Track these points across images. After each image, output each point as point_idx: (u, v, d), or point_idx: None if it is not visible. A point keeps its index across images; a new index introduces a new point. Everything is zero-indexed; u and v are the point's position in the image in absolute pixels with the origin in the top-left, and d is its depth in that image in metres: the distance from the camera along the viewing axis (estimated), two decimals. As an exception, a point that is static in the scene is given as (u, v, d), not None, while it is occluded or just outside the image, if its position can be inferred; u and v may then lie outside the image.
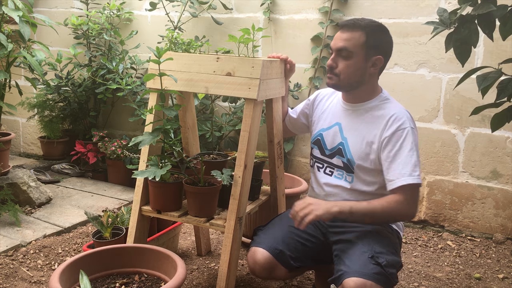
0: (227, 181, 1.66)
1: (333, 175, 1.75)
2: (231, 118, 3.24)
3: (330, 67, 1.69)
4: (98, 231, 2.06)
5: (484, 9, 1.38)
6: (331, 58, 1.68)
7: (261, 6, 3.21)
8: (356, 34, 1.63)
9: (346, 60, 1.65)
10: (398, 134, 1.61)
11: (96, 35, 3.53)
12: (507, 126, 2.24)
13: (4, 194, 2.71)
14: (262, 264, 1.63)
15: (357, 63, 1.65)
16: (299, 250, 1.68)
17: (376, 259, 1.47)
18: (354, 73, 1.66)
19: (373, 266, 1.44)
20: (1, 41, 2.47)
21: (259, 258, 1.63)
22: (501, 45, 2.55)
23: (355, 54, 1.64)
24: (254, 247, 1.67)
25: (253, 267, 1.65)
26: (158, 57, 1.63)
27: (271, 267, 1.63)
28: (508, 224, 2.76)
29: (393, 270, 1.48)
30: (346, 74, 1.66)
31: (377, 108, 1.69)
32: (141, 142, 1.63)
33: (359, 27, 1.64)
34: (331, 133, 1.77)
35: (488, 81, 1.48)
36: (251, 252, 1.67)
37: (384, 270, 1.44)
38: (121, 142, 3.43)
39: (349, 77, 1.67)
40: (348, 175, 1.71)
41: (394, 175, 1.59)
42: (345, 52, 1.64)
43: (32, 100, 3.66)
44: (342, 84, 1.69)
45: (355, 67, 1.65)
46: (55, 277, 1.40)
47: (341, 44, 1.64)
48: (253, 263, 1.65)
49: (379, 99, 1.71)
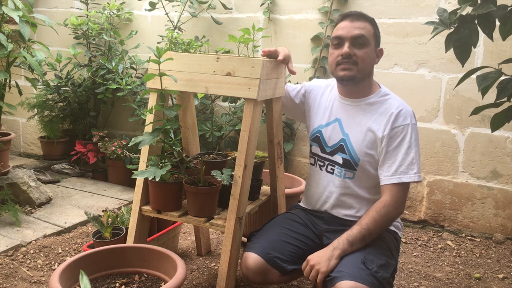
0: (227, 181, 1.66)
1: (334, 173, 1.73)
2: (231, 118, 3.24)
3: (347, 55, 1.61)
4: (98, 231, 2.06)
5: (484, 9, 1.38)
6: (347, 47, 1.60)
7: (261, 6, 3.21)
8: (367, 24, 1.63)
9: (363, 48, 1.61)
10: (399, 130, 1.61)
11: (96, 35, 3.53)
12: (507, 126, 2.25)
13: (4, 194, 2.71)
14: (254, 269, 1.61)
15: (372, 52, 1.64)
16: (293, 252, 1.66)
17: (367, 263, 1.46)
18: (370, 62, 1.65)
19: (365, 270, 1.43)
20: (1, 41, 2.47)
21: (251, 264, 1.61)
22: (501, 45, 2.55)
23: (369, 43, 1.62)
24: (246, 252, 1.66)
25: (246, 273, 1.64)
26: (158, 57, 1.63)
27: (263, 271, 1.61)
28: (508, 224, 2.76)
29: (385, 274, 1.46)
30: (365, 62, 1.62)
31: (379, 103, 1.67)
32: (141, 142, 1.63)
33: (366, 18, 1.64)
34: (330, 129, 1.74)
35: (488, 81, 1.48)
36: (243, 258, 1.65)
37: (375, 275, 1.43)
38: (121, 142, 3.43)
39: (367, 66, 1.64)
40: (348, 171, 1.69)
41: (383, 172, 1.60)
42: (363, 40, 1.61)
43: (32, 100, 3.67)
44: (360, 75, 1.64)
45: (371, 56, 1.64)
46: (55, 277, 1.40)
47: (357, 31, 1.60)
48: (245, 269, 1.63)
49: (379, 94, 1.69)
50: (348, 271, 1.43)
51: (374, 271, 1.43)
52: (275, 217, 1.88)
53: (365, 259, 1.48)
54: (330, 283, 1.45)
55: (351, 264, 1.47)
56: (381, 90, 1.71)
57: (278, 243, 1.66)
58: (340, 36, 1.63)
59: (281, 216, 1.87)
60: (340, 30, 1.64)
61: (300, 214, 1.82)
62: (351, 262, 1.48)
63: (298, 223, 1.77)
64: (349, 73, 1.63)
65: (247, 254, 1.64)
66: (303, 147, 3.24)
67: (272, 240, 1.67)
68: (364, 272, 1.42)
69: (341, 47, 1.63)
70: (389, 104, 1.66)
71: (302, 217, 1.80)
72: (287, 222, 1.78)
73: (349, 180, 1.69)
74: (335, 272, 1.46)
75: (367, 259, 1.48)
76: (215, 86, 1.70)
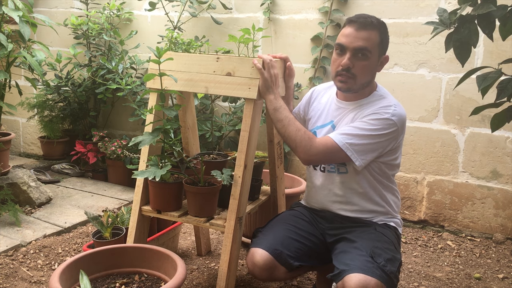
0: (227, 181, 1.66)
1: (326, 170, 1.73)
2: (231, 118, 3.24)
3: (346, 68, 1.60)
4: (98, 231, 2.06)
5: (484, 9, 1.38)
6: (348, 58, 1.60)
7: (261, 6, 3.21)
8: (373, 33, 1.59)
9: (364, 61, 1.60)
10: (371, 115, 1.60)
11: (96, 35, 3.53)
12: (507, 126, 2.25)
13: (4, 194, 2.71)
14: (261, 265, 1.60)
15: (373, 63, 1.62)
16: (299, 249, 1.67)
17: (375, 257, 1.47)
18: (369, 73, 1.64)
19: (373, 263, 1.44)
20: (1, 41, 2.47)
21: (258, 260, 1.61)
22: (501, 45, 2.55)
23: (372, 54, 1.60)
24: (253, 248, 1.65)
25: (252, 269, 1.63)
26: (158, 57, 1.63)
27: (270, 267, 1.61)
28: (508, 224, 2.76)
29: (392, 268, 1.48)
30: (363, 75, 1.62)
31: (371, 102, 1.66)
32: (141, 142, 1.63)
33: (374, 26, 1.60)
34: (324, 132, 1.75)
35: (488, 81, 1.48)
36: (250, 253, 1.65)
37: (384, 268, 1.44)
38: (121, 142, 3.43)
39: (365, 78, 1.63)
40: (341, 166, 1.69)
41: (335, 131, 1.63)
42: (364, 52, 1.59)
43: (32, 100, 3.66)
44: (357, 87, 1.64)
45: (371, 67, 1.62)
46: (55, 277, 1.40)
47: (360, 43, 1.58)
48: (252, 264, 1.63)
49: (374, 97, 1.68)
50: (356, 264, 1.44)
51: (382, 265, 1.45)
52: (279, 214, 1.89)
53: (373, 253, 1.49)
54: (338, 276, 1.46)
55: (359, 258, 1.48)
56: (376, 93, 1.69)
57: (285, 240, 1.67)
58: (343, 44, 1.61)
59: (286, 213, 1.87)
60: (344, 38, 1.62)
61: (304, 212, 1.82)
62: (359, 256, 1.49)
63: (303, 220, 1.78)
64: (345, 86, 1.64)
65: (254, 249, 1.64)
66: (303, 147, 3.23)
67: (279, 236, 1.68)
68: (372, 266, 1.43)
69: (343, 56, 1.62)
70: (380, 102, 1.65)
71: (306, 214, 1.81)
72: (293, 219, 1.78)
73: (344, 175, 1.69)
74: (343, 265, 1.47)
75: (375, 253, 1.49)
76: (215, 86, 1.70)
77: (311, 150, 1.58)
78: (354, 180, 1.68)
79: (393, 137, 1.61)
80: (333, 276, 1.49)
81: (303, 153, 1.60)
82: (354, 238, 1.60)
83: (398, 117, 1.60)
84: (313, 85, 3.08)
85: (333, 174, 1.71)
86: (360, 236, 1.60)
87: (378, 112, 1.60)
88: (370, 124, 1.58)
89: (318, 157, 1.60)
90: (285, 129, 1.62)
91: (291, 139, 1.62)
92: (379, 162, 1.65)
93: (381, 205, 1.71)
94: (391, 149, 1.64)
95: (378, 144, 1.59)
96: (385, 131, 1.58)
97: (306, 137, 1.60)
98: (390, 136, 1.60)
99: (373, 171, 1.67)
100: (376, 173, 1.67)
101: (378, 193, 1.70)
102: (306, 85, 3.15)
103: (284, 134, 1.64)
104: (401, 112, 1.63)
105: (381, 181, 1.69)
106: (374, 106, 1.64)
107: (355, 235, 1.62)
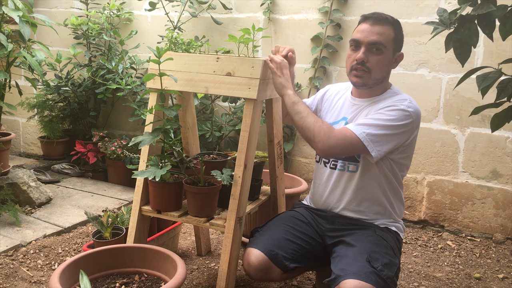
0: (227, 181, 1.66)
1: (337, 168, 1.72)
2: (231, 118, 3.24)
3: (361, 61, 1.62)
4: (98, 231, 2.06)
5: (484, 9, 1.38)
6: (363, 52, 1.62)
7: (261, 6, 3.21)
8: (387, 28, 1.62)
9: (378, 55, 1.62)
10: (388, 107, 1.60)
11: (96, 35, 3.53)
12: (507, 126, 2.25)
13: (4, 194, 2.71)
14: (256, 266, 1.61)
15: (387, 58, 1.64)
16: (295, 251, 1.66)
17: (372, 262, 1.46)
18: (384, 69, 1.65)
19: (370, 269, 1.43)
20: (1, 41, 2.47)
21: (253, 260, 1.61)
22: (501, 45, 2.55)
23: (387, 50, 1.62)
24: (249, 248, 1.66)
25: (248, 269, 1.64)
26: (158, 57, 1.63)
27: (265, 268, 1.61)
28: (508, 224, 2.76)
29: (390, 273, 1.46)
30: (377, 69, 1.63)
31: (385, 99, 1.67)
32: (141, 142, 1.63)
33: (388, 21, 1.63)
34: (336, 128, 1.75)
35: (488, 81, 1.48)
36: (245, 253, 1.66)
37: (380, 273, 1.43)
38: (121, 142, 3.43)
39: (380, 73, 1.64)
40: (351, 164, 1.68)
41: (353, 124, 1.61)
42: (379, 47, 1.61)
43: (32, 100, 3.67)
44: (372, 81, 1.65)
45: (385, 62, 1.64)
46: (55, 277, 1.40)
47: (375, 38, 1.60)
48: (247, 264, 1.63)
49: (387, 93, 1.70)
50: (352, 270, 1.43)
51: (379, 270, 1.44)
52: (278, 214, 1.89)
53: (370, 257, 1.48)
54: (334, 281, 1.45)
55: (356, 263, 1.47)
56: (390, 91, 1.71)
57: (281, 241, 1.66)
58: (358, 39, 1.64)
59: (285, 213, 1.87)
60: (359, 33, 1.64)
61: (304, 213, 1.82)
62: (356, 261, 1.48)
63: (302, 221, 1.77)
64: (361, 80, 1.65)
65: (250, 250, 1.65)
66: (303, 147, 3.23)
67: (276, 238, 1.68)
68: (368, 271, 1.42)
69: (358, 51, 1.64)
70: (394, 98, 1.66)
71: (306, 215, 1.80)
72: (291, 220, 1.78)
73: (353, 173, 1.68)
74: (339, 271, 1.46)
75: (372, 258, 1.48)
76: (215, 86, 1.70)
77: (330, 140, 1.56)
78: (363, 180, 1.68)
79: (408, 130, 1.61)
80: (329, 282, 1.48)
81: (321, 142, 1.57)
82: (353, 241, 1.59)
83: (414, 109, 1.61)
84: (313, 85, 3.09)
85: (342, 172, 1.71)
86: (359, 239, 1.59)
87: (394, 104, 1.61)
88: (387, 115, 1.58)
89: (336, 147, 1.58)
90: (303, 120, 1.61)
91: (309, 129, 1.60)
92: (390, 159, 1.65)
93: (386, 207, 1.70)
94: (404, 144, 1.64)
95: (394, 136, 1.59)
96: (402, 121, 1.58)
97: (324, 127, 1.59)
98: (406, 128, 1.60)
99: (383, 168, 1.66)
100: (387, 170, 1.66)
101: (384, 195, 1.69)
102: (306, 85, 3.15)
103: (302, 125, 1.62)
104: (416, 106, 1.64)
105: (390, 181, 1.68)
106: (388, 100, 1.65)
107: (354, 238, 1.61)
